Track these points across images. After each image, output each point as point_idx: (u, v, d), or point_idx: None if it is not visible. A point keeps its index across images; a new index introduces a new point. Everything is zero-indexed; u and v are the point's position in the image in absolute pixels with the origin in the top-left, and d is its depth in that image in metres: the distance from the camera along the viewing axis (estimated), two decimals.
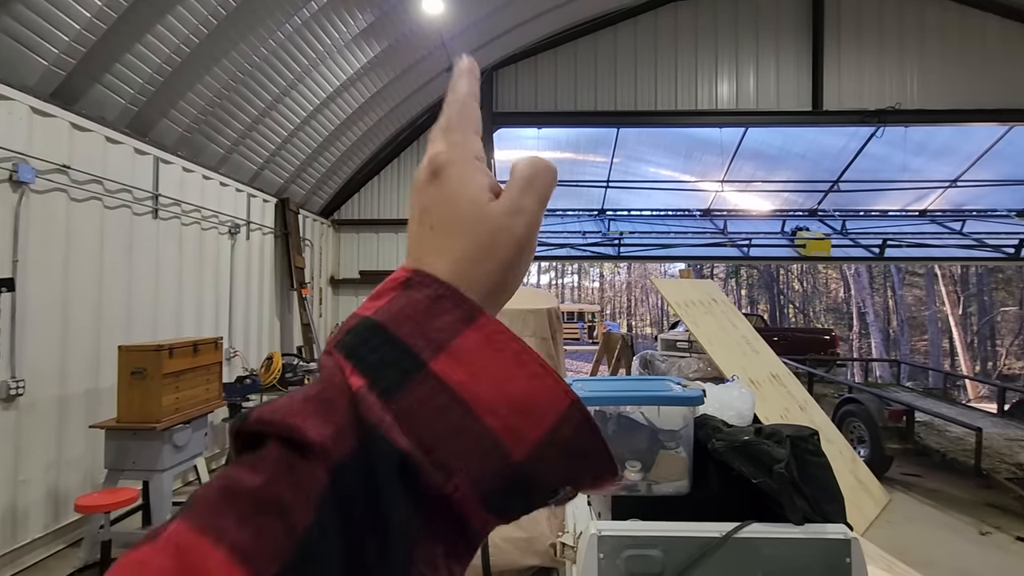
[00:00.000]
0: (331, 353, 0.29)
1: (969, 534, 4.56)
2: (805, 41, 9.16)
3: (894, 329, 24.50)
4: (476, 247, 0.32)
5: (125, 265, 4.67)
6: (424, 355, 0.27)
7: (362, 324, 0.29)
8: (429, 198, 0.33)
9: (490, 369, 0.27)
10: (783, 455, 1.55)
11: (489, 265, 0.32)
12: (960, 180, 10.92)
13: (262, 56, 5.60)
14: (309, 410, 0.26)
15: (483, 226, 0.32)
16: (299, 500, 0.24)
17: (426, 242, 0.33)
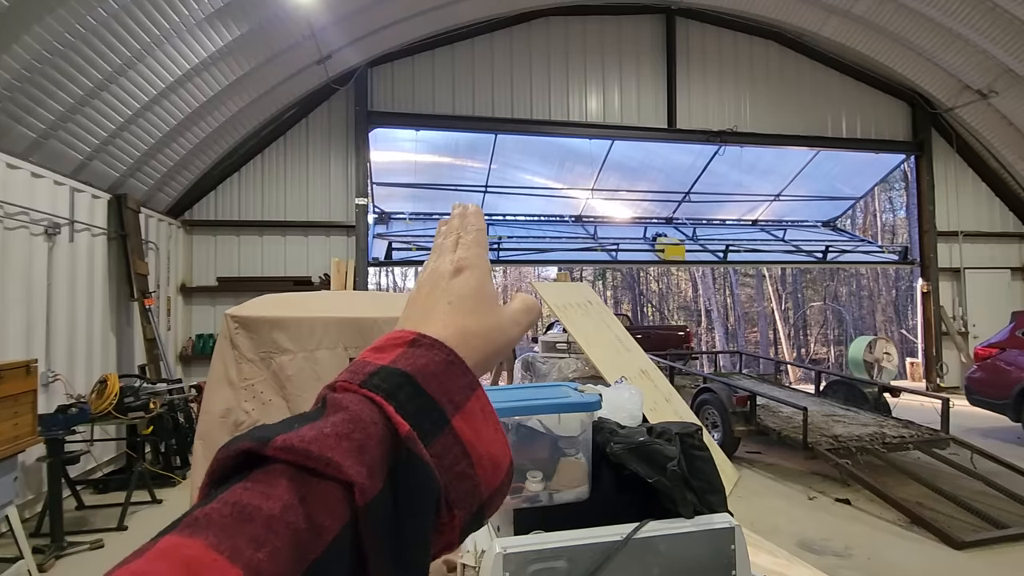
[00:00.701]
0: (356, 391, 0.32)
1: (800, 500, 5.29)
2: (661, 64, 10.09)
3: (731, 324, 27.98)
4: (484, 329, 0.40)
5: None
6: (448, 412, 0.33)
7: (389, 372, 0.33)
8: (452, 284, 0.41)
9: (483, 431, 0.34)
10: (675, 453, 1.63)
11: (486, 348, 0.39)
12: (781, 195, 12.78)
13: (89, 26, 4.77)
14: (344, 448, 0.28)
15: (494, 319, 0.41)
16: (314, 526, 0.26)
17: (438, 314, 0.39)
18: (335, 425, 0.29)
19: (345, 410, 0.30)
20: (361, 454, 0.28)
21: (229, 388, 2.81)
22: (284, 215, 8.67)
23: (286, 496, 0.26)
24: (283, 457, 0.27)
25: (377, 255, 9.23)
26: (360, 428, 0.29)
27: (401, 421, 0.31)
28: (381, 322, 3.00)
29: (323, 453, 0.28)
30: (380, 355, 0.34)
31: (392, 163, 10.33)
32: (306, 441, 0.28)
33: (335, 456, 0.28)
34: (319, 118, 8.85)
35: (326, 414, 0.30)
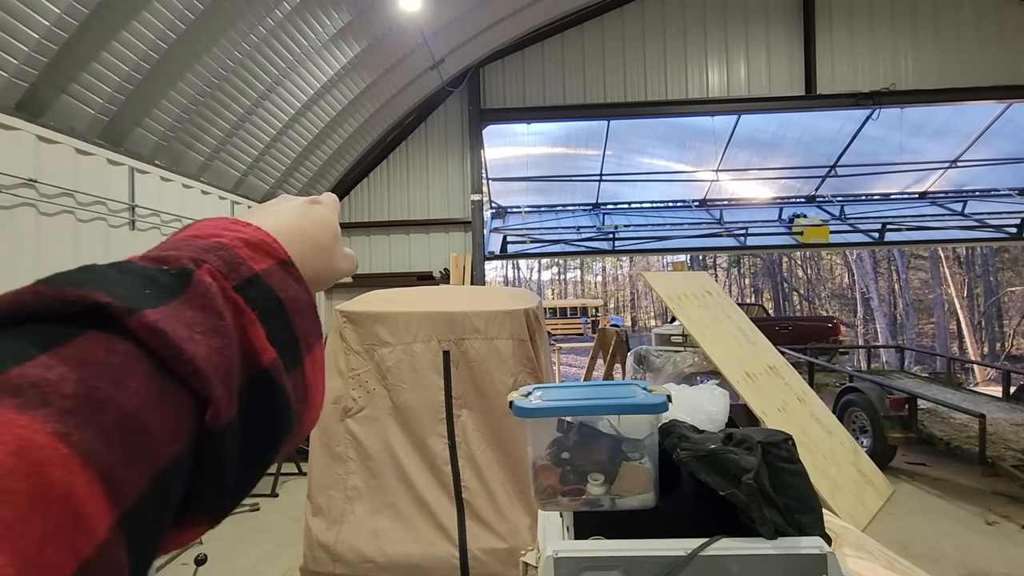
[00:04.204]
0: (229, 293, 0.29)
1: (975, 524, 4.42)
2: (796, 25, 8.99)
3: (899, 313, 24.26)
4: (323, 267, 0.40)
5: None
6: (302, 352, 0.33)
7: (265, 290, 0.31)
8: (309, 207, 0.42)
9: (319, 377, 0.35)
10: (752, 464, 1.43)
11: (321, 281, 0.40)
12: (960, 160, 10.72)
13: (237, 60, 5.50)
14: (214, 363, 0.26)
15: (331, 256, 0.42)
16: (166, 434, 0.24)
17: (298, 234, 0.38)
18: (204, 329, 0.26)
19: (214, 313, 0.27)
20: (227, 377, 0.26)
21: (339, 377, 3.07)
22: (408, 214, 9.27)
23: (143, 393, 0.23)
24: (147, 340, 0.24)
25: (493, 249, 9.48)
26: (227, 344, 0.27)
27: (269, 347, 0.29)
28: (472, 315, 3.06)
29: (195, 361, 0.25)
30: (252, 254, 0.32)
31: (506, 158, 10.53)
32: (179, 337, 0.25)
33: (206, 369, 0.25)
34: (436, 120, 9.30)
35: (187, 298, 0.27)
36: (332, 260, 0.41)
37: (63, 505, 0.19)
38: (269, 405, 0.29)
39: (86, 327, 0.23)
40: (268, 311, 0.30)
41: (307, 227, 0.39)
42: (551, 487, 1.60)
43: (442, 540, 2.75)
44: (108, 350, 0.23)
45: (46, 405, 0.20)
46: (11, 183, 3.81)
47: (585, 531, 1.58)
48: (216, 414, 0.25)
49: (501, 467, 2.94)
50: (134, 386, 0.23)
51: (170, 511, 0.25)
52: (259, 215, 0.38)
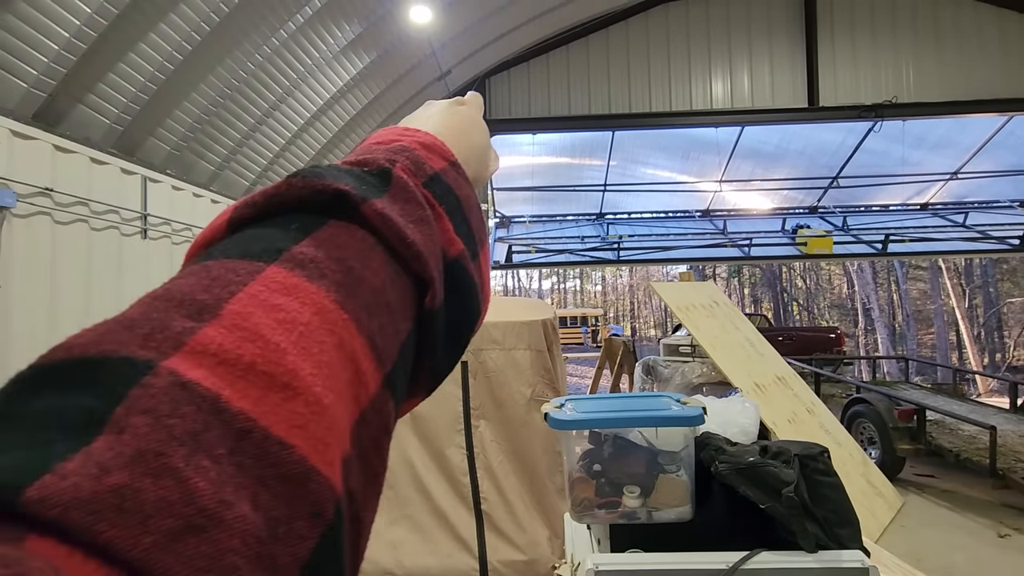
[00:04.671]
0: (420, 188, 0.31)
1: (987, 537, 4.41)
2: (798, 37, 9.10)
3: (899, 324, 24.30)
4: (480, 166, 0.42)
5: (114, 287, 4.59)
6: (477, 246, 0.35)
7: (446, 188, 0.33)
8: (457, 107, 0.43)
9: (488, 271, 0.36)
10: (792, 477, 1.44)
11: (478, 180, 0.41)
12: (961, 172, 10.80)
13: (249, 71, 5.54)
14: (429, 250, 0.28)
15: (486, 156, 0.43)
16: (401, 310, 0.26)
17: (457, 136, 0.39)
18: (414, 219, 0.28)
19: (419, 204, 0.29)
20: (437, 262, 0.29)
21: None
22: None
23: (383, 273, 0.26)
24: (380, 226, 0.26)
25: (498, 258, 9.50)
26: (433, 233, 0.29)
27: (457, 239, 0.31)
28: (489, 326, 3.07)
29: (416, 246, 0.27)
30: (430, 155, 0.34)
31: (511, 168, 10.58)
32: (401, 224, 0.27)
33: (424, 253, 0.27)
34: None
35: (393, 193, 0.29)
36: (486, 159, 0.43)
37: (351, 361, 0.22)
38: (462, 291, 0.32)
39: (329, 215, 0.26)
40: (451, 206, 0.32)
41: (462, 127, 0.41)
42: (587, 499, 1.61)
43: (461, 552, 2.74)
44: (351, 235, 0.26)
45: (324, 278, 0.23)
46: (28, 192, 3.82)
47: (620, 543, 1.58)
48: (434, 295, 0.28)
49: (519, 478, 2.93)
50: (375, 266, 0.25)
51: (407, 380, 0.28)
52: (419, 121, 0.40)
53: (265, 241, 0.24)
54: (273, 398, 0.19)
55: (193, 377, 0.18)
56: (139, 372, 0.17)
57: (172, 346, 0.18)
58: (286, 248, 0.23)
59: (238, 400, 0.18)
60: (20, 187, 3.75)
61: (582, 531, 1.92)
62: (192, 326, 0.19)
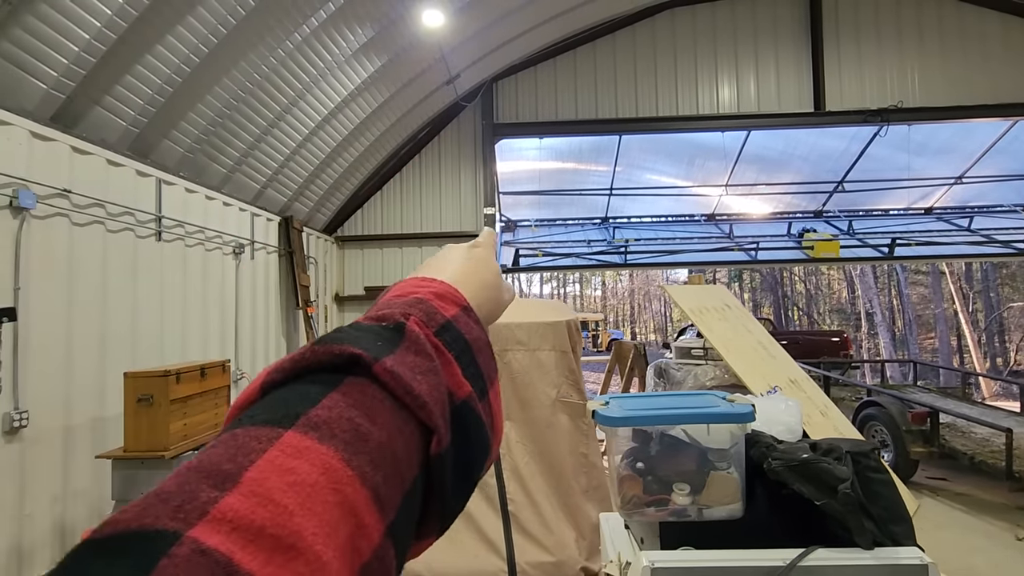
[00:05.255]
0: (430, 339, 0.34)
1: (1004, 540, 4.40)
2: (804, 42, 9.15)
3: (899, 328, 24.32)
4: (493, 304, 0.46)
5: (129, 289, 4.58)
6: (487, 385, 0.37)
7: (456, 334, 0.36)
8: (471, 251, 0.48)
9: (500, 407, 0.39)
10: (847, 474, 1.44)
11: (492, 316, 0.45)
12: (964, 177, 10.85)
13: (263, 74, 5.55)
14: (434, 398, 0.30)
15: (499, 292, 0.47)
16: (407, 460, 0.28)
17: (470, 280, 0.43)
18: (422, 370, 0.31)
19: (427, 356, 0.32)
20: (443, 408, 0.31)
21: None
22: (420, 227, 9.31)
23: (390, 426, 0.28)
24: (388, 382, 0.29)
25: (505, 262, 9.50)
26: (439, 381, 0.32)
27: (465, 382, 0.34)
28: (514, 327, 3.07)
29: (421, 396, 0.30)
30: (443, 304, 0.37)
31: (517, 172, 10.60)
32: (408, 378, 0.30)
33: (429, 403, 0.30)
34: (449, 135, 9.38)
35: (406, 346, 0.32)
36: (499, 295, 0.47)
37: (353, 515, 0.24)
38: (470, 431, 0.34)
39: (344, 374, 0.29)
40: (460, 351, 0.35)
41: (475, 271, 0.45)
42: (636, 497, 1.60)
43: (488, 553, 2.73)
44: (362, 392, 0.28)
45: (334, 438, 0.25)
46: (47, 193, 3.82)
47: (671, 542, 1.58)
48: (440, 440, 0.30)
49: (545, 479, 2.92)
50: (382, 420, 0.28)
51: (414, 525, 0.30)
52: (436, 268, 0.44)
53: (287, 406, 0.26)
54: (278, 559, 0.21)
55: (211, 544, 0.20)
56: (168, 543, 0.20)
57: (198, 515, 0.21)
58: (304, 412, 0.26)
59: (248, 563, 0.20)
60: (39, 188, 3.75)
61: (620, 530, 1.91)
62: (216, 495, 0.22)
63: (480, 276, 0.45)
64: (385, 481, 0.26)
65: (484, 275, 0.45)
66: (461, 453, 0.33)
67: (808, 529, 1.52)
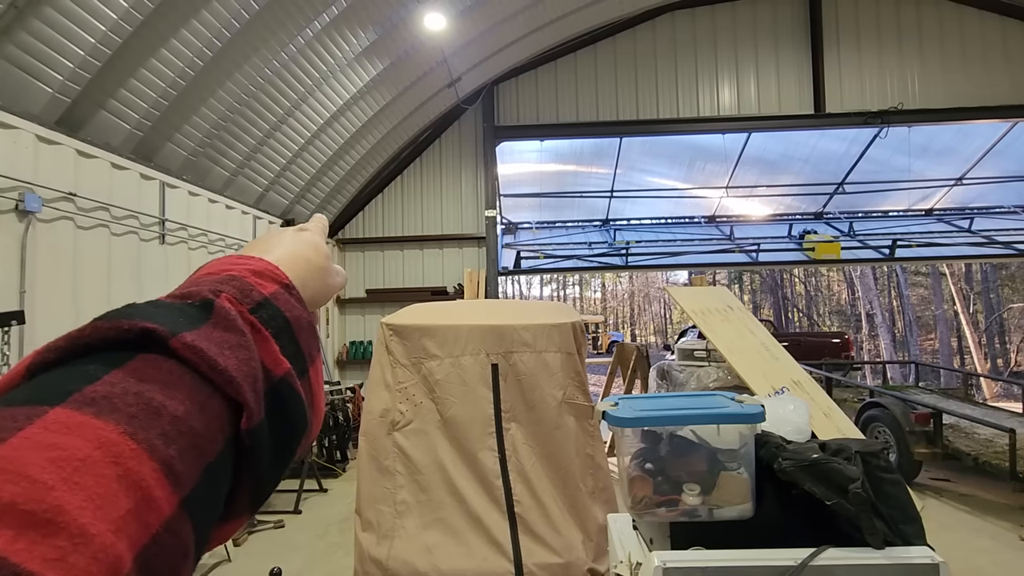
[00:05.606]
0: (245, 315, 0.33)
1: (1009, 540, 4.41)
2: (804, 45, 9.18)
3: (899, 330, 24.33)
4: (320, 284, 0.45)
5: (133, 292, 4.59)
6: (307, 364, 0.37)
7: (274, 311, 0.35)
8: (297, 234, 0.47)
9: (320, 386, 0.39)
10: (857, 473, 1.45)
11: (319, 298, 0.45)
12: (965, 178, 10.87)
13: (266, 77, 5.57)
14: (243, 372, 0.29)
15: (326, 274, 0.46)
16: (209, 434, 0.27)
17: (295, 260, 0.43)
18: (231, 345, 0.30)
19: (238, 332, 0.31)
20: (255, 383, 0.30)
21: (385, 390, 3.06)
22: (421, 230, 9.32)
23: (188, 401, 0.27)
24: (188, 357, 0.28)
25: (506, 264, 9.51)
26: (251, 357, 0.31)
27: (282, 359, 0.33)
28: (520, 329, 3.07)
29: (228, 371, 0.29)
30: (260, 281, 0.36)
31: (518, 174, 10.62)
32: (213, 352, 0.29)
33: (237, 377, 0.29)
34: (450, 137, 9.40)
35: (213, 322, 0.31)
36: (327, 278, 0.46)
37: (137, 488, 0.23)
38: (288, 409, 0.33)
39: (138, 351, 0.27)
40: (278, 328, 0.35)
41: (302, 252, 0.44)
42: (647, 498, 1.61)
43: (496, 555, 2.73)
44: (157, 367, 0.27)
45: (115, 412, 0.24)
46: (52, 196, 3.83)
47: (681, 542, 1.58)
48: (250, 415, 0.29)
49: (551, 481, 2.92)
50: (180, 395, 0.27)
51: (220, 500, 0.29)
52: (261, 248, 0.43)
53: (54, 384, 0.25)
54: (32, 535, 0.19)
55: None
56: None
57: None
58: (77, 389, 0.24)
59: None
60: (45, 192, 3.76)
61: (629, 531, 1.92)
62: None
63: (305, 256, 0.44)
64: (181, 455, 0.25)
65: (309, 255, 0.44)
66: (278, 430, 0.32)
67: (818, 529, 1.53)
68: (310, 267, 0.44)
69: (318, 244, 0.47)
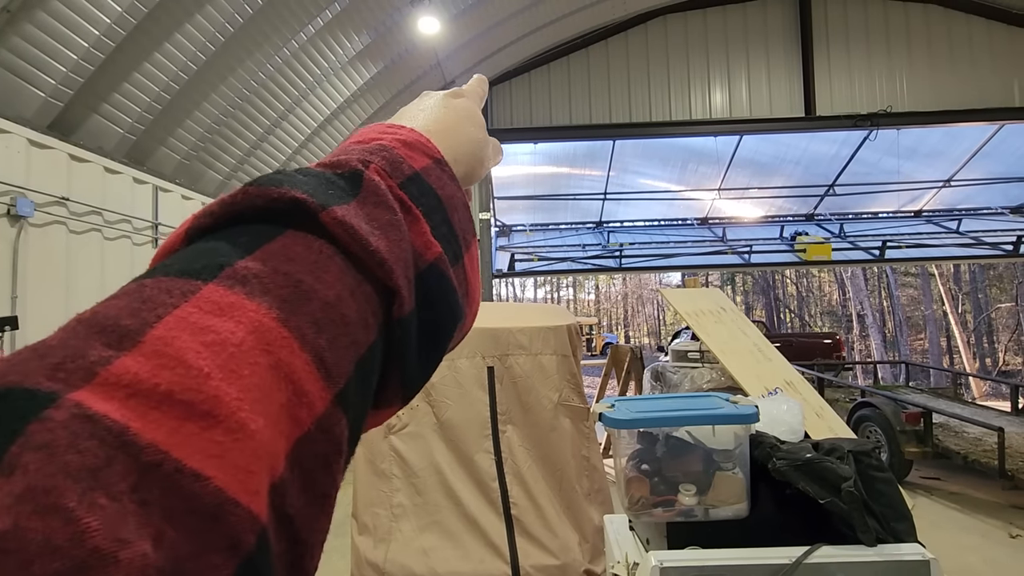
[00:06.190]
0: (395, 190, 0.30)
1: (998, 537, 4.46)
2: (795, 48, 9.28)
3: (890, 330, 24.56)
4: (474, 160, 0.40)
5: None
6: (462, 248, 0.34)
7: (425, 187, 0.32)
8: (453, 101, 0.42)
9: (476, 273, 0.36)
10: (849, 472, 1.47)
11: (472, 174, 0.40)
12: (953, 180, 11.02)
13: (260, 82, 5.57)
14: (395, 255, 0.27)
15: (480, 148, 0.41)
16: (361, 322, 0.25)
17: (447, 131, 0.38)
18: (381, 224, 0.27)
19: (388, 209, 0.28)
20: (406, 268, 0.28)
21: None
22: None
23: (339, 284, 0.25)
24: (339, 235, 0.25)
25: (500, 267, 9.53)
26: (402, 238, 0.28)
27: (434, 242, 0.30)
28: (516, 331, 3.09)
29: (380, 253, 0.26)
30: (411, 154, 0.33)
31: (512, 177, 10.65)
32: (364, 231, 0.26)
33: (389, 260, 0.26)
34: None
35: (363, 197, 0.28)
36: (481, 151, 0.41)
37: (289, 381, 0.21)
38: (439, 296, 0.31)
39: (286, 225, 0.25)
40: (430, 207, 0.31)
41: (454, 121, 0.40)
42: (644, 498, 1.63)
43: (493, 557, 2.74)
44: (307, 246, 0.25)
45: (267, 294, 0.22)
46: (44, 201, 3.81)
47: (677, 542, 1.60)
48: (401, 303, 0.27)
49: (548, 483, 2.94)
50: (330, 279, 0.24)
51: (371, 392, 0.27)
52: (409, 116, 0.39)
53: (208, 256, 0.23)
54: (190, 427, 0.18)
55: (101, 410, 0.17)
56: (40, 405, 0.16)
57: (82, 377, 0.17)
58: (229, 264, 0.22)
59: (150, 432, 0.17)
60: (37, 196, 3.74)
61: (625, 532, 1.94)
62: (109, 355, 0.18)
63: (459, 127, 0.40)
64: (331, 345, 0.23)
65: (464, 126, 0.40)
66: (428, 319, 0.30)
67: (812, 527, 1.55)
68: (465, 139, 0.39)
69: (473, 113, 0.42)
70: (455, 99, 0.42)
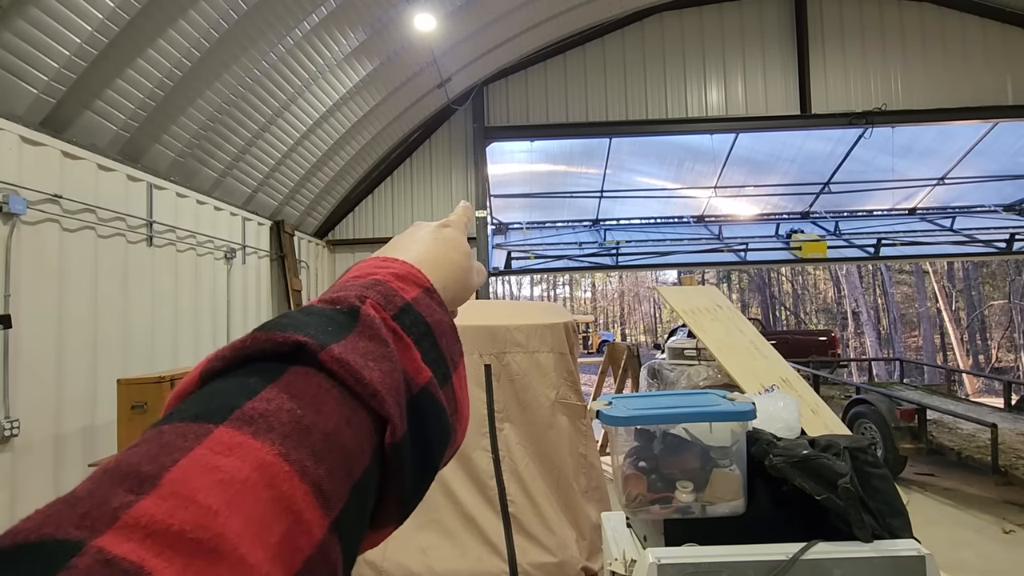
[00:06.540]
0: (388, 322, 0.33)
1: (992, 533, 4.50)
2: (790, 46, 9.29)
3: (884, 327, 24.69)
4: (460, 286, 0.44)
5: (120, 295, 4.53)
6: (450, 370, 0.36)
7: (416, 317, 0.35)
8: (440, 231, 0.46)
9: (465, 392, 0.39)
10: (846, 469, 1.48)
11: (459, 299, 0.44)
12: (947, 178, 11.06)
13: (255, 78, 5.53)
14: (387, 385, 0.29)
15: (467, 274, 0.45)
16: (357, 450, 0.27)
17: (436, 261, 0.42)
18: (375, 356, 0.30)
19: (381, 342, 0.31)
20: (398, 395, 0.30)
21: None
22: None
23: (336, 415, 0.27)
24: (336, 371, 0.28)
25: (497, 265, 9.52)
26: (394, 368, 0.31)
27: (424, 368, 0.33)
28: (513, 329, 3.08)
29: (373, 384, 0.29)
30: (402, 286, 0.36)
31: (508, 175, 10.63)
32: (359, 365, 0.29)
33: (381, 391, 0.29)
34: (440, 138, 9.40)
35: (359, 331, 0.31)
36: (467, 278, 0.45)
37: (290, 512, 0.23)
38: (430, 419, 0.33)
39: (290, 362, 0.28)
40: (420, 334, 0.34)
41: (442, 251, 0.43)
42: (641, 495, 1.63)
43: (490, 555, 2.74)
44: (308, 380, 0.27)
45: (271, 431, 0.24)
46: (37, 198, 3.77)
47: (675, 539, 1.60)
48: (394, 429, 0.29)
49: (545, 481, 2.94)
50: (328, 409, 0.27)
51: (367, 516, 0.29)
52: (402, 247, 0.43)
53: (221, 398, 0.26)
54: (198, 564, 0.20)
55: (119, 552, 0.19)
56: (69, 553, 0.18)
57: (106, 523, 0.20)
58: (239, 405, 0.25)
59: (163, 570, 0.19)
60: (29, 194, 3.71)
61: (622, 529, 1.94)
62: (130, 500, 0.20)
63: (447, 257, 0.43)
64: (330, 474, 0.25)
65: (451, 255, 0.44)
66: (420, 441, 0.32)
67: (809, 523, 1.56)
68: (452, 267, 0.43)
69: (460, 242, 0.46)
70: (443, 230, 0.47)
